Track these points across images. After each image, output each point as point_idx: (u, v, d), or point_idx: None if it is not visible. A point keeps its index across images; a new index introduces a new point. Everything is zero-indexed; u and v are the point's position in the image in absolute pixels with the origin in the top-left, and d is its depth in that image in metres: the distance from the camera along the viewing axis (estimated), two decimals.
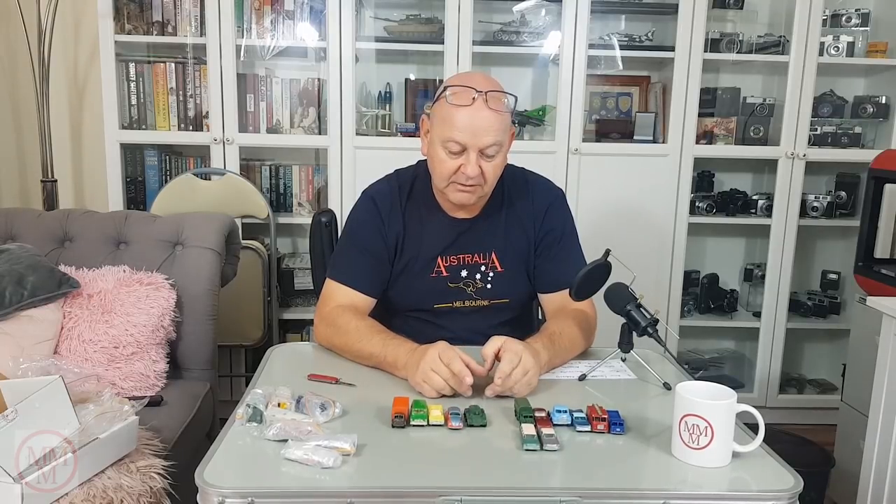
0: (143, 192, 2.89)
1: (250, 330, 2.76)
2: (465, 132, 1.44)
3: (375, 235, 1.59)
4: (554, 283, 1.61)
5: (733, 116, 2.93)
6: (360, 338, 1.46)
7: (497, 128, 1.45)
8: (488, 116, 1.43)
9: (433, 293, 1.60)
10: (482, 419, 1.19)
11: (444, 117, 1.46)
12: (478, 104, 1.43)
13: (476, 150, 1.45)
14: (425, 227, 1.60)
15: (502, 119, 1.46)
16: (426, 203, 1.61)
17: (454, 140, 1.44)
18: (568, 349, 1.48)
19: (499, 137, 1.46)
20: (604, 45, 2.87)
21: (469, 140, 1.44)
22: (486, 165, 1.47)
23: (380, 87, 2.95)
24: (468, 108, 1.43)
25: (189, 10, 2.71)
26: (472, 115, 1.43)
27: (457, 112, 1.44)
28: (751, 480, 1.06)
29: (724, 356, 3.24)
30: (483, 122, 1.43)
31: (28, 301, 1.80)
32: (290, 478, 1.02)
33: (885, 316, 1.81)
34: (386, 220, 1.59)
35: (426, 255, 1.60)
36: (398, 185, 1.63)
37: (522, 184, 1.65)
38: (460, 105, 1.44)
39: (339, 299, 1.56)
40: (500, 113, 1.45)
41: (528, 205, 1.63)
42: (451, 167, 1.47)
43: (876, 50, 2.87)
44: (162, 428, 1.68)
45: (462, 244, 1.60)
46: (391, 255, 1.60)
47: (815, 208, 2.96)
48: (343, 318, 1.50)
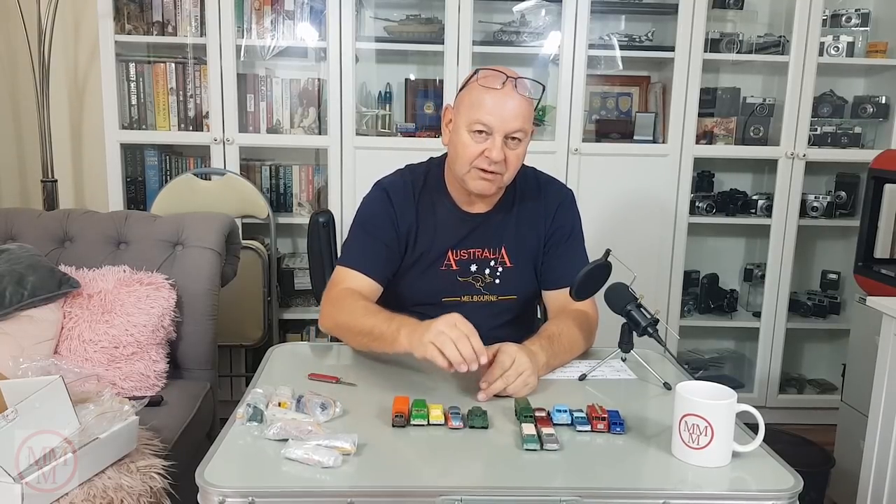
0: (143, 192, 2.89)
1: (250, 330, 2.76)
2: (494, 115, 1.46)
3: (387, 224, 1.59)
4: (558, 280, 1.63)
5: (733, 116, 2.93)
6: (366, 313, 1.42)
7: (524, 114, 1.48)
8: (517, 101, 1.47)
9: (442, 286, 1.61)
10: (483, 421, 1.19)
11: (473, 100, 1.49)
12: (507, 88, 1.46)
13: (502, 135, 1.47)
14: (438, 220, 1.62)
15: (529, 106, 1.49)
16: (439, 197, 1.63)
17: (482, 122, 1.47)
18: (567, 350, 1.48)
19: (525, 125, 1.48)
20: (604, 45, 2.87)
21: (497, 123, 1.46)
22: (509, 153, 1.49)
23: (380, 87, 2.95)
24: (498, 92, 1.46)
25: (189, 10, 2.71)
26: (501, 99, 1.46)
27: (487, 94, 1.47)
28: (751, 480, 1.06)
29: (724, 356, 3.24)
30: (511, 107, 1.46)
31: (28, 301, 1.80)
32: (291, 477, 1.02)
33: (885, 316, 1.81)
34: (399, 212, 1.60)
35: (438, 249, 1.61)
36: (411, 179, 1.64)
37: (534, 182, 1.67)
38: (490, 87, 1.46)
39: (347, 283, 1.56)
40: (528, 100, 1.48)
41: (539, 203, 1.65)
42: (476, 151, 1.48)
43: (876, 50, 2.87)
44: (162, 428, 1.68)
45: (473, 239, 1.62)
46: (402, 246, 1.61)
47: (814, 208, 2.96)
48: (348, 299, 1.49)
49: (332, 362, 1.51)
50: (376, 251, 1.58)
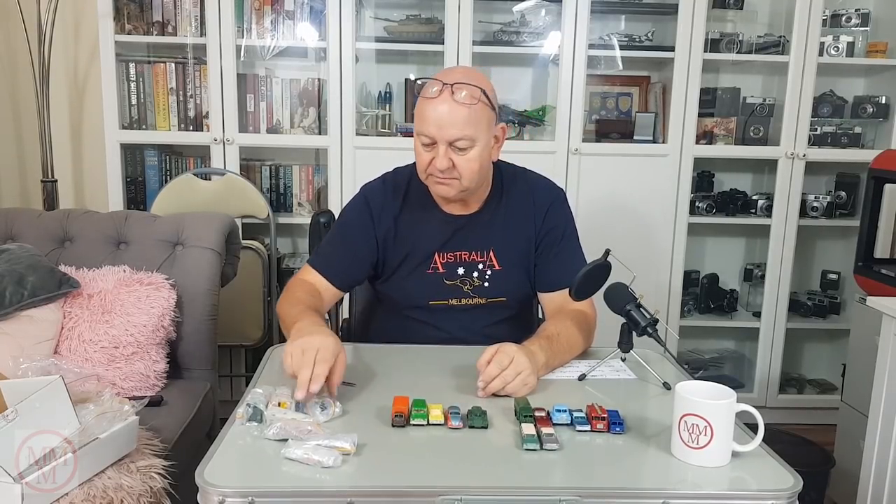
0: (143, 192, 2.89)
1: (250, 330, 2.76)
2: (432, 125, 1.45)
3: (360, 232, 1.62)
4: (554, 282, 1.62)
5: (733, 116, 2.93)
6: (292, 303, 1.49)
7: (463, 121, 1.44)
8: (453, 109, 1.43)
9: (429, 290, 1.61)
10: (483, 421, 1.19)
11: (418, 111, 1.49)
12: (443, 96, 1.44)
13: (444, 143, 1.45)
14: (421, 223, 1.61)
15: (470, 112, 1.44)
16: (422, 200, 1.62)
17: (423, 133, 1.47)
18: (566, 350, 1.48)
19: (467, 131, 1.44)
20: (604, 45, 2.87)
21: (436, 132, 1.45)
22: (457, 159, 1.47)
23: (380, 87, 2.95)
24: (433, 101, 1.45)
25: (189, 10, 2.71)
26: (436, 108, 1.44)
27: (426, 104, 1.46)
28: (750, 480, 1.06)
29: (723, 356, 3.24)
30: (447, 115, 1.44)
31: (28, 301, 1.80)
32: (291, 477, 1.02)
33: (884, 316, 1.81)
34: (376, 219, 1.61)
35: (423, 252, 1.61)
36: (393, 183, 1.65)
37: (522, 182, 1.65)
38: (426, 97, 1.46)
39: (307, 277, 1.62)
40: (466, 105, 1.44)
41: (528, 203, 1.63)
42: (426, 160, 1.49)
43: (876, 50, 2.87)
44: (162, 428, 1.68)
45: (460, 241, 1.61)
46: (380, 251, 1.62)
47: (814, 208, 2.96)
48: (297, 288, 1.56)
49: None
50: (343, 258, 1.62)
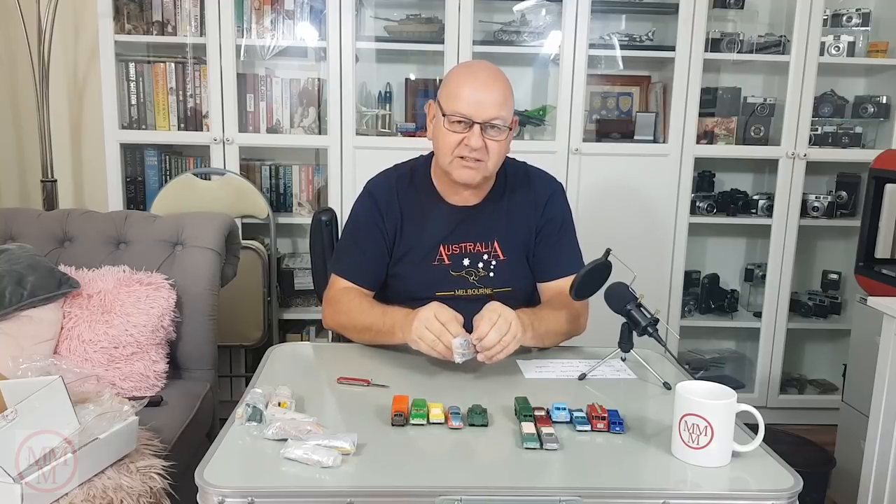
0: (143, 192, 2.89)
1: (250, 330, 2.76)
2: (471, 105, 1.49)
3: (373, 231, 1.64)
4: (550, 271, 1.65)
5: (734, 116, 2.93)
6: (361, 311, 1.55)
7: (501, 101, 1.51)
8: (492, 91, 1.50)
9: (435, 281, 1.62)
10: (483, 419, 1.19)
11: (451, 92, 1.53)
12: (482, 79, 1.51)
13: (480, 122, 1.49)
14: (426, 215, 1.64)
15: (505, 94, 1.52)
16: (426, 192, 1.65)
17: (459, 112, 1.50)
18: (552, 318, 1.53)
19: (503, 112, 1.51)
20: (604, 45, 2.87)
21: (474, 112, 1.49)
22: (489, 142, 1.52)
23: (380, 86, 2.95)
24: (474, 83, 1.51)
25: (189, 10, 2.71)
26: (477, 89, 1.50)
27: (461, 84, 1.52)
28: (751, 480, 1.06)
29: (724, 356, 3.24)
30: (487, 96, 1.50)
31: (28, 301, 1.80)
32: (290, 477, 1.02)
33: (885, 316, 1.81)
34: (384, 213, 1.64)
35: (428, 243, 1.63)
36: (396, 176, 1.69)
37: (524, 174, 1.70)
38: (466, 78, 1.52)
39: (341, 286, 1.65)
40: (503, 91, 1.51)
41: (529, 194, 1.67)
42: (455, 140, 1.52)
43: (876, 50, 2.87)
44: (162, 428, 1.68)
45: (464, 232, 1.63)
46: (390, 246, 1.65)
47: (815, 208, 2.95)
48: (345, 298, 1.61)
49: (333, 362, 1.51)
50: (365, 261, 1.65)
